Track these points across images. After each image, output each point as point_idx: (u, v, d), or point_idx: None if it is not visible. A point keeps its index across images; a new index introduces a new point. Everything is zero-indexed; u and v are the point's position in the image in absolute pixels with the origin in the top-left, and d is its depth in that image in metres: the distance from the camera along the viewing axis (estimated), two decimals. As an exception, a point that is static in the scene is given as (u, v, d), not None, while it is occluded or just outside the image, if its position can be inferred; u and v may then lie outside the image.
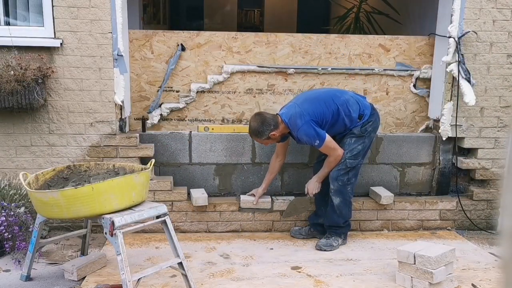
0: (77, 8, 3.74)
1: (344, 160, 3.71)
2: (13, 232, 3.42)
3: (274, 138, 3.70)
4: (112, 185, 2.86)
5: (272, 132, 3.64)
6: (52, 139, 3.90)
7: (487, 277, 3.38)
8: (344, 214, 3.82)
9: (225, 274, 3.36)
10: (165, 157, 4.17)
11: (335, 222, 3.84)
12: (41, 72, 3.66)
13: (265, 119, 3.65)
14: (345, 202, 3.80)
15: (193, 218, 4.07)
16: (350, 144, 3.72)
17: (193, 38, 4.22)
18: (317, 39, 4.31)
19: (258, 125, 3.65)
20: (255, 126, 3.66)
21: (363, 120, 3.72)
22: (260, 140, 3.74)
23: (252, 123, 3.69)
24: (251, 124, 3.70)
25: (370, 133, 3.77)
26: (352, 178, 3.79)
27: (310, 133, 3.59)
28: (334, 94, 3.78)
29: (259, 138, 3.71)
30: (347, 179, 3.76)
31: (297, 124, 3.60)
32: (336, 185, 3.75)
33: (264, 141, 3.74)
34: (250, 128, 3.72)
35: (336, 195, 3.77)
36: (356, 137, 3.72)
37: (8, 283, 3.22)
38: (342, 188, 3.76)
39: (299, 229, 4.06)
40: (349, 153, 3.71)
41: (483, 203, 4.31)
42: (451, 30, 4.05)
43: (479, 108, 4.21)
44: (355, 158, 3.73)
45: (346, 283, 3.26)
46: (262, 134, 3.65)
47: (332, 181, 3.76)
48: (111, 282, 3.15)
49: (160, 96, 4.24)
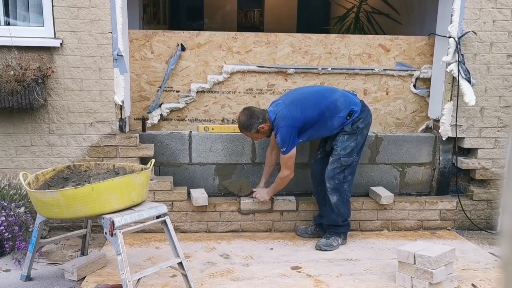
0: (77, 8, 3.74)
1: (338, 158, 3.72)
2: (13, 232, 3.42)
3: (263, 132, 3.75)
4: (112, 185, 2.86)
5: (260, 125, 3.70)
6: (52, 139, 3.90)
7: (487, 277, 3.38)
8: (342, 212, 3.83)
9: (225, 274, 3.36)
10: (165, 157, 4.17)
11: (334, 221, 3.85)
12: (41, 72, 3.66)
13: (254, 113, 3.72)
14: (342, 200, 3.81)
15: (193, 218, 4.07)
16: (343, 141, 3.73)
17: (193, 38, 4.22)
18: (317, 39, 4.31)
19: (247, 118, 3.70)
20: (244, 120, 3.72)
21: (353, 117, 3.72)
22: (250, 134, 3.78)
23: (241, 117, 3.74)
24: (240, 118, 3.75)
25: (362, 130, 3.77)
26: (349, 176, 3.81)
27: (285, 138, 3.64)
28: (323, 94, 3.79)
29: (249, 132, 3.76)
30: (343, 177, 3.77)
31: (279, 124, 3.67)
32: (332, 184, 3.77)
33: (254, 135, 3.79)
34: (239, 122, 3.77)
35: (333, 193, 3.79)
36: (348, 134, 3.73)
37: (8, 283, 3.22)
38: (339, 186, 3.77)
39: (305, 228, 4.08)
40: (343, 151, 3.73)
41: (483, 203, 4.31)
42: (451, 30, 4.05)
43: (479, 108, 4.21)
44: (349, 155, 3.74)
45: (346, 283, 3.26)
46: (251, 127, 3.71)
47: (328, 180, 3.78)
48: (111, 282, 3.15)
49: (160, 96, 4.24)
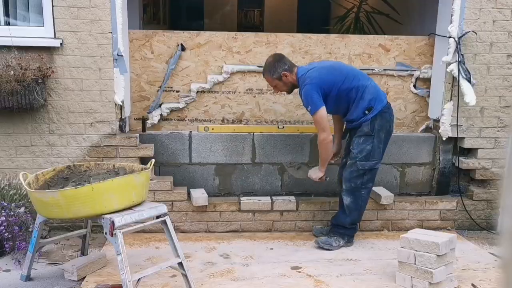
0: (77, 8, 3.74)
1: (354, 161, 3.63)
2: (13, 232, 3.42)
3: (285, 81, 3.64)
4: (112, 185, 2.86)
5: (285, 72, 3.61)
6: (52, 139, 3.90)
7: (487, 277, 3.38)
8: (353, 215, 3.76)
9: (225, 274, 3.36)
10: (165, 157, 4.17)
11: (341, 221, 3.79)
12: (41, 72, 3.66)
13: (283, 58, 3.65)
14: (356, 204, 3.73)
15: (193, 218, 4.07)
16: (359, 144, 3.63)
17: (193, 38, 4.22)
18: (317, 39, 4.31)
19: (274, 60, 3.62)
20: (270, 61, 3.64)
21: (371, 115, 3.60)
22: (271, 79, 3.67)
23: (269, 58, 3.66)
24: (268, 59, 3.67)
25: (379, 132, 3.61)
26: (369, 182, 3.70)
27: (308, 96, 3.55)
28: (357, 75, 3.68)
29: (271, 75, 3.65)
30: (361, 182, 3.67)
31: (305, 82, 3.57)
32: (348, 186, 3.69)
33: (275, 81, 3.66)
34: (265, 64, 3.67)
35: (347, 195, 3.71)
36: (365, 135, 3.61)
37: (8, 283, 3.22)
38: (355, 190, 3.69)
39: (321, 228, 4.01)
40: (359, 154, 3.62)
41: (483, 203, 4.31)
42: (451, 30, 4.05)
43: (479, 108, 4.20)
44: (366, 159, 3.62)
45: (346, 283, 3.26)
46: (274, 70, 3.61)
47: (345, 181, 3.70)
48: (111, 282, 3.15)
49: (160, 96, 4.24)
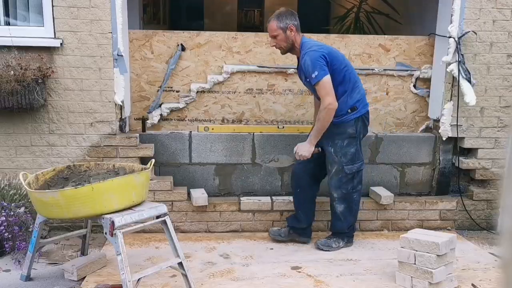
0: (77, 8, 3.74)
1: (341, 167, 3.61)
2: (13, 232, 3.42)
3: (288, 36, 3.53)
4: (112, 185, 2.86)
5: (292, 25, 3.53)
6: (52, 139, 3.90)
7: (487, 277, 3.38)
8: (348, 220, 3.77)
9: (225, 274, 3.36)
10: (165, 157, 4.17)
11: (340, 228, 3.79)
12: (41, 72, 3.66)
13: (296, 15, 3.59)
14: (350, 209, 3.73)
15: (193, 218, 4.07)
16: (342, 147, 3.59)
17: (193, 38, 4.22)
18: (317, 39, 4.29)
19: (287, 11, 3.59)
20: (283, 10, 3.59)
21: (354, 115, 3.56)
22: (276, 26, 3.54)
23: (282, 8, 3.62)
24: (280, 8, 3.62)
25: (359, 135, 3.64)
26: (358, 185, 3.71)
27: (315, 60, 3.42)
28: (354, 71, 3.66)
29: (277, 23, 3.53)
30: (352, 187, 3.67)
31: (312, 48, 3.49)
32: (340, 194, 3.68)
33: (278, 31, 3.54)
34: (276, 11, 3.60)
35: (340, 202, 3.70)
36: (349, 138, 3.59)
37: (8, 283, 3.22)
38: (347, 196, 3.69)
39: (278, 230, 3.92)
40: (343, 158, 3.59)
41: (483, 203, 4.31)
42: (451, 30, 4.05)
43: (479, 108, 4.20)
44: (352, 162, 3.62)
45: (346, 283, 3.26)
46: (283, 20, 3.54)
47: (335, 190, 3.68)
48: (111, 282, 3.15)
49: (160, 96, 4.24)
